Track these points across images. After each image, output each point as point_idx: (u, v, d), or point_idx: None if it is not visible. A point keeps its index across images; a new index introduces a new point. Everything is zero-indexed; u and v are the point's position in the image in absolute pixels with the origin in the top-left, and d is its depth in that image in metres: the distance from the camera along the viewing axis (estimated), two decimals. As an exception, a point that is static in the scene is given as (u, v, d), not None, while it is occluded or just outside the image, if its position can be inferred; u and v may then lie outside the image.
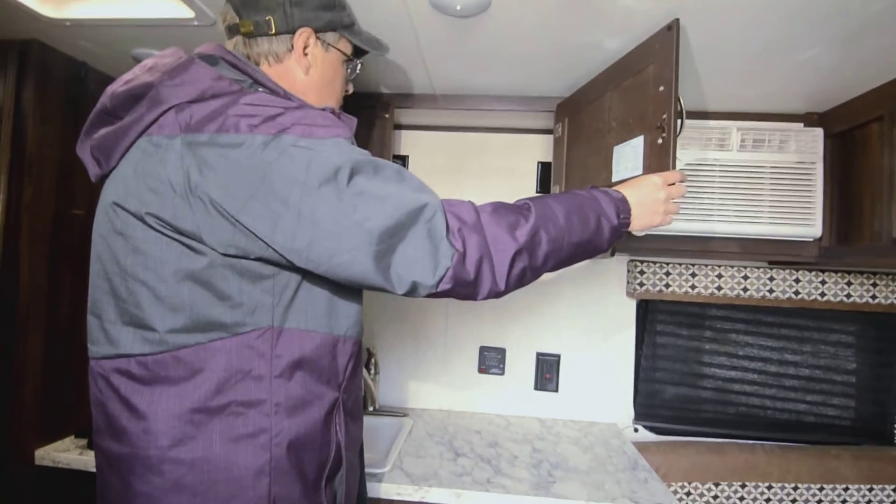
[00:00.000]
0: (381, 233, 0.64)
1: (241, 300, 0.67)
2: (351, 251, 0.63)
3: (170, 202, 0.64)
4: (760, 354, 1.68)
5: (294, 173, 0.63)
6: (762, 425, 1.67)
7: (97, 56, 1.30)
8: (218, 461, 0.66)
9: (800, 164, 1.36)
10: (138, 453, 0.67)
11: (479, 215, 0.70)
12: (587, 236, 0.78)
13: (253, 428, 0.68)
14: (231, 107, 0.65)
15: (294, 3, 0.78)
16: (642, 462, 1.33)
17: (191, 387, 0.67)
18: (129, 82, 0.69)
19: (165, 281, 0.66)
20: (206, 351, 0.67)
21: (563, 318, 1.71)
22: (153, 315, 0.66)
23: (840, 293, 1.59)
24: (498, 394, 1.72)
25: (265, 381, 0.69)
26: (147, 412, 0.66)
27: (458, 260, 0.66)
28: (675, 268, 1.62)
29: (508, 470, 1.24)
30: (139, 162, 0.66)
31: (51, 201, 1.28)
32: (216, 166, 0.62)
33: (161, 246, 0.65)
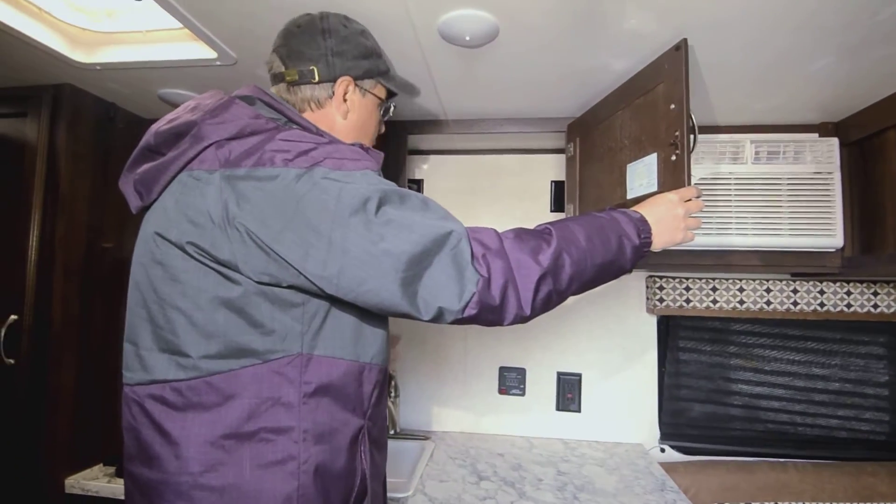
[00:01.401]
0: (408, 260, 0.66)
1: (272, 327, 0.69)
2: (379, 278, 0.66)
3: (209, 232, 0.67)
4: (787, 369, 1.64)
5: (325, 204, 0.66)
6: (792, 442, 1.62)
7: (125, 96, 1.37)
8: (247, 488, 0.68)
9: (817, 174, 1.35)
10: (169, 479, 0.68)
11: (503, 241, 0.72)
12: (610, 257, 0.79)
13: (282, 455, 0.69)
14: (267, 143, 0.69)
15: (336, 54, 0.84)
16: (670, 483, 1.30)
17: (223, 413, 0.68)
18: (173, 121, 0.74)
19: (202, 308, 0.68)
20: (237, 377, 0.69)
21: (582, 337, 1.70)
22: (188, 342, 0.69)
23: (867, 304, 1.55)
24: (519, 415, 1.71)
25: (294, 408, 0.70)
26: (179, 438, 0.68)
27: (483, 285, 0.67)
28: (695, 282, 1.60)
29: (533, 493, 1.23)
30: (180, 195, 0.70)
31: (82, 235, 1.33)
32: (252, 198, 0.66)
33: (199, 275, 0.69)
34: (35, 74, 1.24)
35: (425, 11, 0.93)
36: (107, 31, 1.13)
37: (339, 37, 0.84)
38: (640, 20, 0.95)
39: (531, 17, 0.94)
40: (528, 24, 0.97)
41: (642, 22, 0.95)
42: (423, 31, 1.00)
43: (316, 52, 0.83)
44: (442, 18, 0.95)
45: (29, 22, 1.05)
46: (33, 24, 1.06)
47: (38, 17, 1.06)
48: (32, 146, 1.28)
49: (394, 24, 0.98)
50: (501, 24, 0.97)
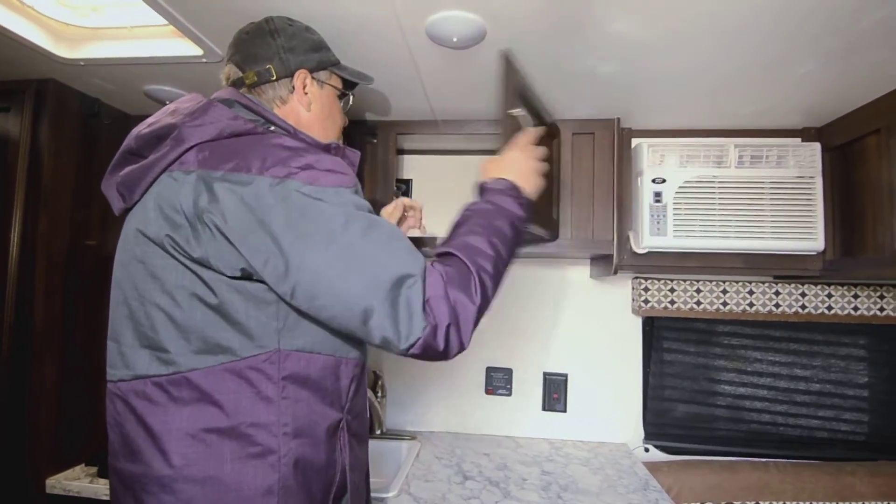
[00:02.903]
0: (362, 292, 0.66)
1: (249, 325, 0.71)
2: (331, 298, 0.67)
3: (183, 229, 0.69)
4: (770, 370, 1.67)
5: (290, 219, 0.67)
6: (774, 442, 1.64)
7: (110, 93, 1.35)
8: (228, 480, 0.69)
9: (799, 178, 1.37)
10: (152, 473, 0.70)
11: (445, 285, 0.71)
12: (511, 245, 0.81)
13: (262, 448, 0.71)
14: (247, 147, 0.71)
15: (287, 50, 0.87)
16: (653, 483, 1.32)
17: (202, 408, 0.70)
18: (153, 125, 0.76)
19: (180, 305, 0.70)
20: (216, 373, 0.70)
21: (569, 337, 1.71)
22: (167, 338, 0.70)
23: (847, 306, 1.58)
24: (506, 415, 1.72)
25: (273, 402, 0.72)
26: (161, 432, 0.70)
27: (429, 332, 0.67)
28: (679, 284, 1.62)
29: (517, 493, 1.24)
30: (159, 194, 0.71)
31: (65, 232, 1.32)
32: (223, 199, 0.67)
33: (176, 272, 0.70)
34: (19, 69, 1.22)
35: (413, 13, 0.93)
36: (91, 26, 1.12)
37: (286, 34, 0.88)
38: (626, 24, 0.96)
39: (518, 19, 0.95)
40: (515, 27, 0.98)
41: (628, 26, 0.96)
42: (410, 32, 1.00)
43: (268, 51, 0.86)
44: (429, 20, 0.95)
45: (12, 17, 1.04)
46: (17, 19, 1.04)
47: (22, 12, 1.05)
48: (15, 141, 1.26)
49: (382, 26, 0.98)
50: (488, 26, 0.97)
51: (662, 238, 1.38)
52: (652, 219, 1.38)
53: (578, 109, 1.40)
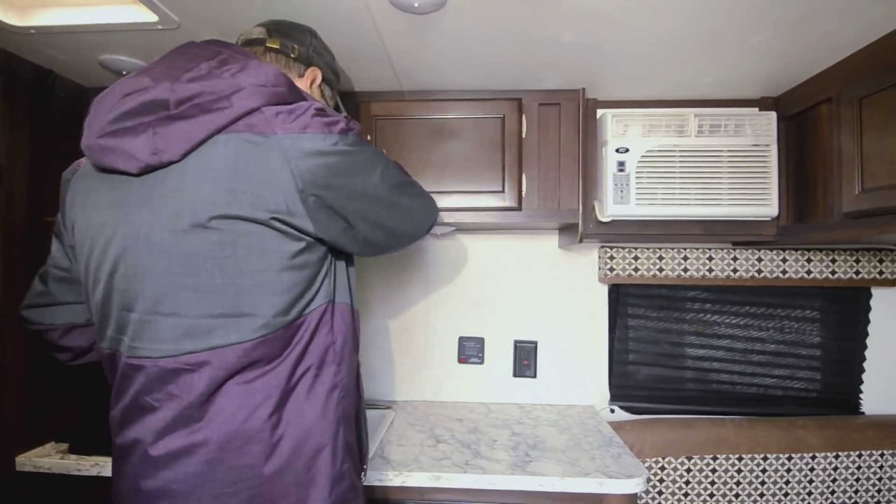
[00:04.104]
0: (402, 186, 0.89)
1: (317, 282, 0.79)
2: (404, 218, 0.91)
3: (282, 199, 0.72)
4: (728, 332, 1.75)
5: (364, 164, 0.80)
6: (732, 400, 1.73)
7: (64, 64, 1.31)
8: (306, 419, 0.76)
9: (755, 146, 1.41)
10: (228, 431, 0.72)
11: None
12: None
13: (329, 385, 0.79)
14: (305, 108, 0.75)
15: (316, 51, 1.00)
16: (616, 440, 1.38)
17: (283, 361, 0.75)
18: (196, 77, 0.72)
19: (267, 269, 0.73)
20: (293, 328, 0.76)
21: (538, 306, 1.76)
22: (256, 304, 0.73)
23: (801, 270, 1.66)
24: (478, 382, 1.76)
25: (329, 346, 0.80)
26: (245, 391, 0.73)
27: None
28: (643, 252, 1.67)
29: (487, 453, 1.28)
30: (238, 161, 0.70)
31: (22, 207, 1.29)
32: (313, 165, 0.73)
33: (264, 238, 0.72)
34: (-36, 38, 1.17)
35: (372, -24, 0.93)
36: (40, -8, 1.08)
37: (322, 45, 1.02)
38: (584, -10, 0.97)
39: (478, -16, 0.95)
40: (476, -8, 0.98)
41: (586, -8, 0.98)
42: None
43: (302, 38, 0.98)
44: (389, -17, 0.94)
45: (-47, -20, 0.99)
46: (-42, -17, 1.00)
47: (-37, -25, 1.01)
48: (-36, 115, 1.21)
49: (341, -10, 0.97)
50: (449, -9, 0.97)
51: (626, 206, 1.42)
52: (615, 188, 1.42)
53: (545, 81, 1.42)
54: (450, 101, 1.46)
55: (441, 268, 1.79)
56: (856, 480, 1.56)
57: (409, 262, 1.79)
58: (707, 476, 1.54)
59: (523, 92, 1.46)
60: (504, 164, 1.43)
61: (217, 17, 1.07)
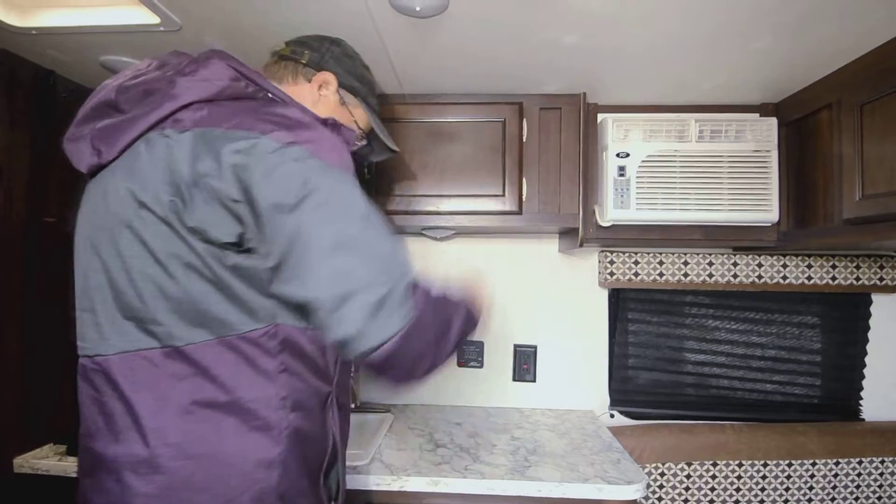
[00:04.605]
0: (352, 275, 0.64)
1: (246, 298, 0.68)
2: (313, 275, 0.64)
3: (180, 194, 0.64)
4: (728, 338, 1.74)
5: (290, 186, 0.64)
6: (732, 406, 1.72)
7: (65, 64, 1.31)
8: (228, 455, 0.67)
9: (756, 152, 1.41)
10: (141, 453, 0.66)
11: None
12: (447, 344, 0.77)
13: (262, 422, 0.69)
14: (248, 111, 0.68)
15: (333, 56, 0.94)
16: (616, 445, 1.37)
17: (199, 383, 0.67)
18: (139, 77, 0.72)
19: (173, 277, 0.66)
20: (212, 348, 0.68)
21: (538, 310, 1.75)
22: (158, 309, 0.67)
23: (801, 276, 1.65)
24: (478, 386, 1.76)
25: (272, 376, 0.70)
26: (154, 409, 0.66)
27: (402, 336, 0.65)
28: (643, 256, 1.67)
29: (486, 457, 1.27)
30: (153, 154, 0.66)
31: (22, 208, 1.28)
32: (223, 159, 0.64)
33: (171, 241, 0.66)
34: (-35, 38, 1.17)
35: (374, -20, 0.93)
36: (42, -7, 1.08)
37: (344, 52, 0.96)
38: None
39: (479, -12, 0.95)
40: (477, -4, 0.98)
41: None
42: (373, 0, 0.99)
43: (317, 45, 0.93)
44: (391, -13, 0.95)
45: (-45, -19, 0.99)
46: (-40, -16, 1.00)
47: (-35, -24, 1.01)
48: (-35, 115, 1.21)
49: (343, -7, 0.97)
50: (451, -5, 0.97)
51: (626, 211, 1.41)
52: (616, 192, 1.41)
53: (546, 84, 1.42)
54: (451, 105, 1.46)
55: (440, 271, 1.78)
56: (856, 487, 1.55)
57: (409, 265, 1.79)
58: (707, 482, 1.54)
59: (524, 96, 1.46)
60: (505, 168, 1.43)
61: (218, 19, 1.07)
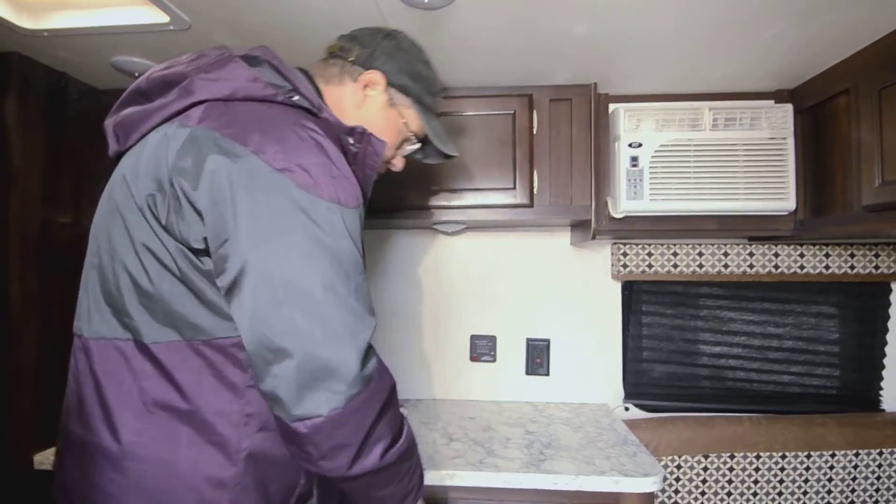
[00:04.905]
0: (289, 331, 0.61)
1: (219, 303, 0.65)
2: (256, 322, 0.61)
3: (160, 189, 0.63)
4: (744, 329, 1.72)
5: (262, 218, 0.60)
6: (748, 398, 1.70)
7: (77, 66, 1.32)
8: (180, 466, 0.64)
9: (772, 140, 1.39)
10: (101, 444, 0.65)
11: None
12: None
13: (220, 437, 0.65)
14: (256, 119, 0.65)
15: (384, 52, 0.84)
16: (632, 438, 1.36)
17: (160, 384, 0.65)
18: (168, 69, 0.72)
19: (146, 272, 0.65)
20: (179, 350, 0.65)
21: (551, 304, 1.74)
22: (130, 302, 0.65)
23: (819, 265, 1.63)
24: (490, 380, 1.75)
25: (238, 390, 0.67)
26: (116, 402, 0.65)
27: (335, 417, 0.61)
28: (657, 248, 1.65)
29: (501, 451, 1.27)
30: (155, 145, 0.66)
31: (37, 210, 1.30)
32: (206, 165, 0.61)
33: (148, 235, 0.64)
34: (-22, 42, 1.18)
35: (381, -28, 0.92)
36: (53, -6, 1.08)
37: (398, 46, 0.86)
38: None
39: (488, -22, 0.94)
40: (486, -14, 0.97)
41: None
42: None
43: (368, 40, 0.85)
44: (399, -21, 0.94)
45: (-33, -15, 1.00)
46: (-28, -12, 1.01)
47: (-23, -20, 1.02)
48: (-20, 118, 1.23)
49: (351, -14, 0.96)
50: (459, -14, 0.96)
51: (639, 202, 1.40)
52: (629, 183, 1.40)
53: (556, 75, 1.40)
54: (460, 98, 1.45)
55: (451, 266, 1.78)
56: (876, 479, 1.53)
57: (420, 260, 1.79)
58: (724, 475, 1.52)
59: (534, 88, 1.45)
60: (515, 161, 1.42)
61: (228, 18, 1.07)
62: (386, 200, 1.36)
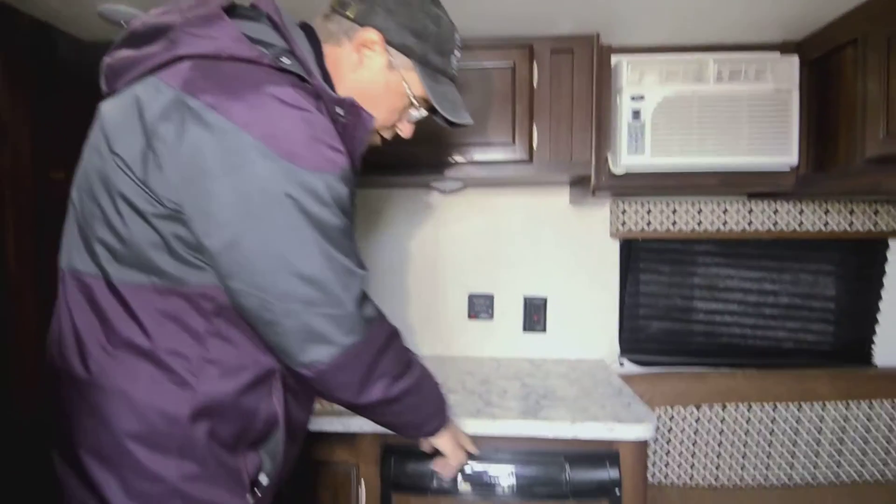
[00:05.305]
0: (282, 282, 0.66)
1: (187, 258, 0.66)
2: (253, 282, 0.65)
3: (140, 143, 0.64)
4: (741, 286, 1.73)
5: (248, 187, 0.62)
6: (743, 354, 1.73)
7: (64, 17, 1.28)
8: (138, 400, 0.67)
9: (777, 92, 1.36)
10: (73, 373, 0.69)
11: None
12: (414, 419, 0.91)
13: (178, 378, 0.68)
14: (238, 82, 0.64)
15: (385, 8, 0.77)
16: (626, 390, 1.39)
17: (123, 321, 0.67)
18: (163, 15, 0.70)
19: (120, 214, 0.65)
20: (144, 293, 0.67)
21: (549, 262, 1.75)
22: (100, 240, 0.67)
23: (818, 222, 1.62)
24: (488, 338, 1.78)
25: (200, 336, 0.69)
26: (84, 332, 0.68)
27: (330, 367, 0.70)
28: (656, 205, 1.64)
29: (498, 401, 1.30)
30: (140, 97, 0.65)
31: (28, 166, 1.28)
32: (186, 131, 0.62)
33: (123, 181, 0.65)
34: (-41, -11, 1.14)
35: None
36: (32, -65, 1.04)
37: (403, 1, 0.78)
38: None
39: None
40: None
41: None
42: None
43: None
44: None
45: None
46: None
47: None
48: (-36, 70, 1.19)
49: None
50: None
51: (640, 157, 1.38)
52: (630, 137, 1.38)
53: (557, 24, 1.36)
54: (458, 50, 1.41)
55: (449, 224, 1.77)
56: (866, 431, 1.57)
57: (418, 219, 1.78)
58: (716, 425, 1.56)
59: (535, 38, 1.41)
60: (514, 116, 1.40)
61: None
62: (382, 157, 1.34)
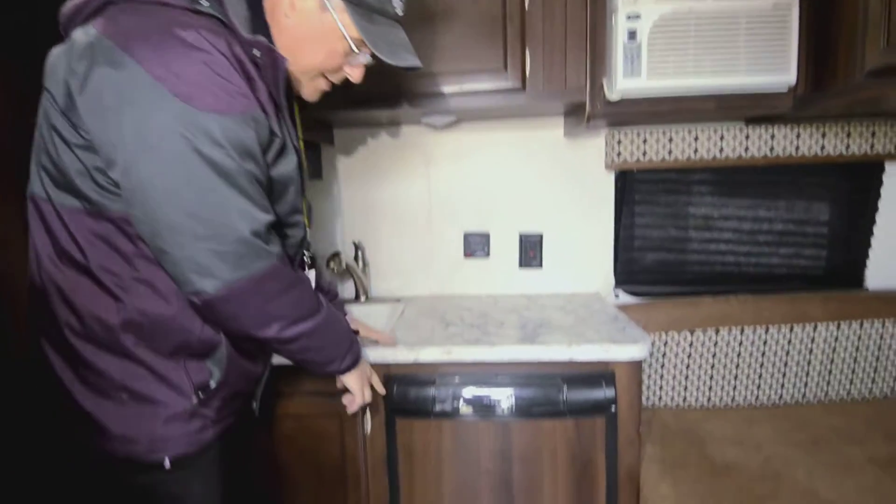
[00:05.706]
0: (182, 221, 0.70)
1: (105, 186, 0.72)
2: (146, 213, 0.70)
3: (64, 82, 0.70)
4: (736, 214, 1.73)
5: (143, 123, 0.66)
6: (737, 281, 1.74)
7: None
8: (77, 301, 0.75)
9: (776, 5, 1.31)
10: (34, 282, 0.78)
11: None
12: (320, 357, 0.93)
13: (110, 290, 0.75)
14: (146, 24, 0.68)
15: None
16: (621, 316, 1.41)
17: (68, 240, 0.75)
18: None
19: (53, 143, 0.72)
20: (77, 216, 0.74)
21: (544, 197, 1.73)
22: (43, 166, 0.75)
23: (815, 146, 1.61)
24: (485, 275, 1.78)
25: (128, 257, 0.75)
26: (41, 248, 0.77)
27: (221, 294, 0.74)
28: (652, 134, 1.61)
29: (497, 331, 1.32)
30: (71, 46, 0.70)
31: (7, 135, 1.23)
32: (94, 72, 0.66)
33: (56, 119, 0.71)
34: None
35: None
36: None
37: None
38: None
39: None
40: None
41: None
42: None
43: None
44: None
45: None
46: None
47: None
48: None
49: None
50: None
51: (636, 80, 1.34)
52: (626, 59, 1.33)
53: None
54: None
55: (441, 163, 1.74)
56: (855, 350, 1.61)
57: (408, 157, 1.75)
58: (709, 349, 1.59)
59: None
60: (506, 40, 1.35)
61: None
62: (362, 88, 1.29)
